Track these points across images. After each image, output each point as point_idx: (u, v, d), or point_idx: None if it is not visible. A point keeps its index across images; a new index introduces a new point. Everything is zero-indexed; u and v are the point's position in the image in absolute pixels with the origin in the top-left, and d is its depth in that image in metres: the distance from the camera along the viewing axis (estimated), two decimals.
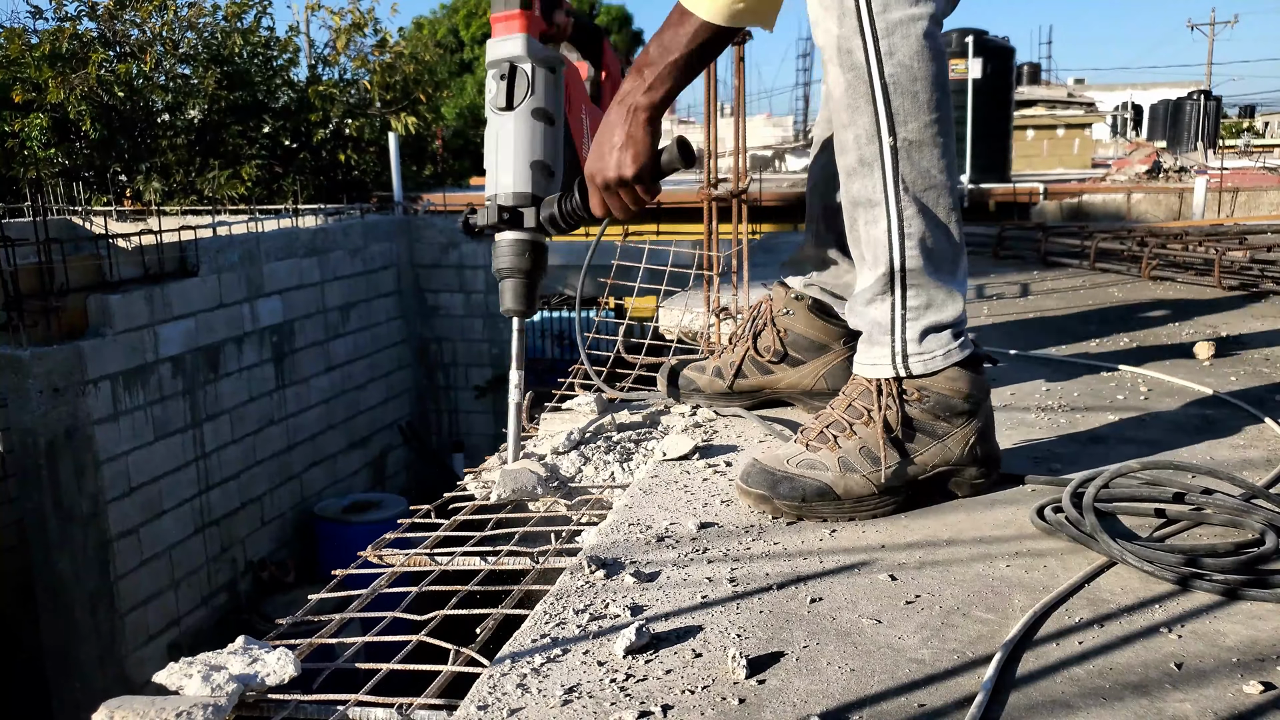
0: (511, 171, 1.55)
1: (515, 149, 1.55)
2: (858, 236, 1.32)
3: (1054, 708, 0.84)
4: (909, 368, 1.31)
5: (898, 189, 1.25)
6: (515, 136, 1.55)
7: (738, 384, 1.78)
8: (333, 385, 8.50)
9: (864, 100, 1.22)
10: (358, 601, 1.18)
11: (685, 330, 2.84)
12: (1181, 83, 31.20)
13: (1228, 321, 2.62)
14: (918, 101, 1.22)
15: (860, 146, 1.25)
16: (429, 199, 10.77)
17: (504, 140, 1.56)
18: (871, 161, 1.25)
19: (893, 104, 1.22)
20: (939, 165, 1.25)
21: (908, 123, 1.22)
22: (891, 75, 1.21)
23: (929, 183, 1.25)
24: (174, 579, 6.57)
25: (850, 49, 1.21)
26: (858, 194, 1.28)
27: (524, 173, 1.55)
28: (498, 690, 0.89)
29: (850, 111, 1.24)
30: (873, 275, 1.31)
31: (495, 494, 1.49)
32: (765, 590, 1.08)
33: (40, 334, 5.71)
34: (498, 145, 1.56)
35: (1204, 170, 9.39)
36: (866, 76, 1.21)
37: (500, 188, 1.56)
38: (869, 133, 1.24)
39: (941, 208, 1.27)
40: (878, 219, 1.27)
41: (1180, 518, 1.22)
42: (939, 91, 1.23)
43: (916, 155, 1.24)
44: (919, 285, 1.29)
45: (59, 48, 9.25)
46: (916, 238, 1.26)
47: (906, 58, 1.20)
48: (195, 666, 0.95)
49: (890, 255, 1.27)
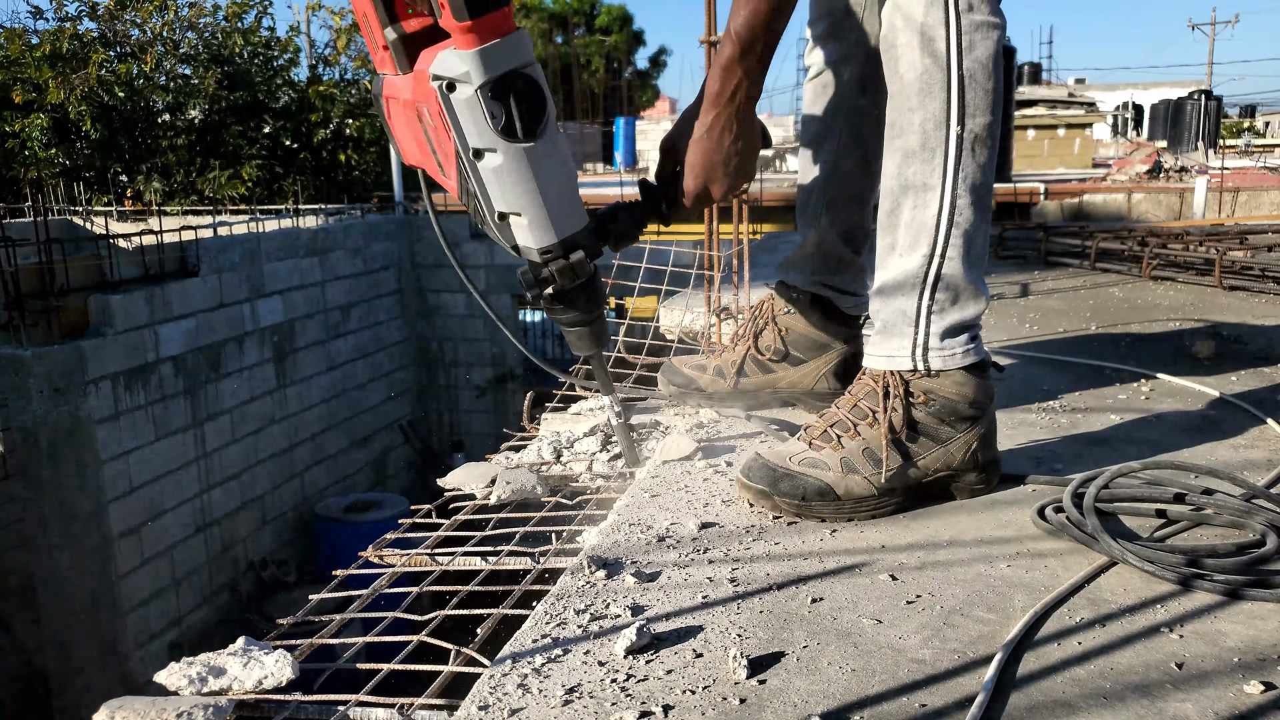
0: (562, 213, 1.25)
1: (554, 186, 1.24)
2: (898, 221, 1.32)
3: (1055, 708, 0.84)
4: (928, 363, 1.31)
5: (956, 177, 1.27)
6: (554, 170, 1.23)
7: (740, 383, 1.77)
8: (333, 385, 8.50)
9: (939, 87, 1.25)
10: (358, 601, 1.18)
11: (686, 330, 2.84)
12: (1182, 82, 31.20)
13: (1228, 321, 2.61)
14: (987, 100, 1.26)
15: (926, 131, 1.27)
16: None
17: (534, 178, 1.21)
18: (935, 147, 1.27)
19: (966, 95, 1.25)
20: (990, 166, 1.29)
21: (976, 116, 1.26)
22: (969, 69, 1.24)
23: (981, 180, 1.28)
24: (175, 579, 6.58)
25: (934, 36, 1.24)
26: (912, 177, 1.29)
27: (573, 210, 1.27)
28: (499, 690, 0.89)
29: (921, 96, 1.26)
30: (906, 261, 1.31)
31: (496, 494, 1.49)
32: (766, 590, 1.08)
33: (41, 334, 5.72)
34: (526, 185, 1.21)
35: (1205, 170, 9.39)
36: (945, 65, 1.24)
37: (542, 240, 1.26)
38: (937, 119, 1.26)
39: (986, 206, 1.30)
40: (929, 203, 1.28)
41: (1181, 518, 1.22)
42: (999, 101, 1.27)
43: (978, 149, 1.27)
44: (952, 277, 1.30)
45: (59, 48, 9.25)
46: (962, 228, 1.28)
47: (984, 57, 1.25)
48: (196, 667, 0.95)
49: (934, 240, 1.29)
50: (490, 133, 1.17)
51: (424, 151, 1.29)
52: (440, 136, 1.21)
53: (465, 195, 1.27)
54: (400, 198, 10.20)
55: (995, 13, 1.26)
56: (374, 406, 9.14)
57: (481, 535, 1.37)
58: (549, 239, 1.26)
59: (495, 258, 9.54)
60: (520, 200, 1.22)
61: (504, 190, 1.22)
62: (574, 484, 1.58)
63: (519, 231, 1.26)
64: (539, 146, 1.19)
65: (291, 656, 0.97)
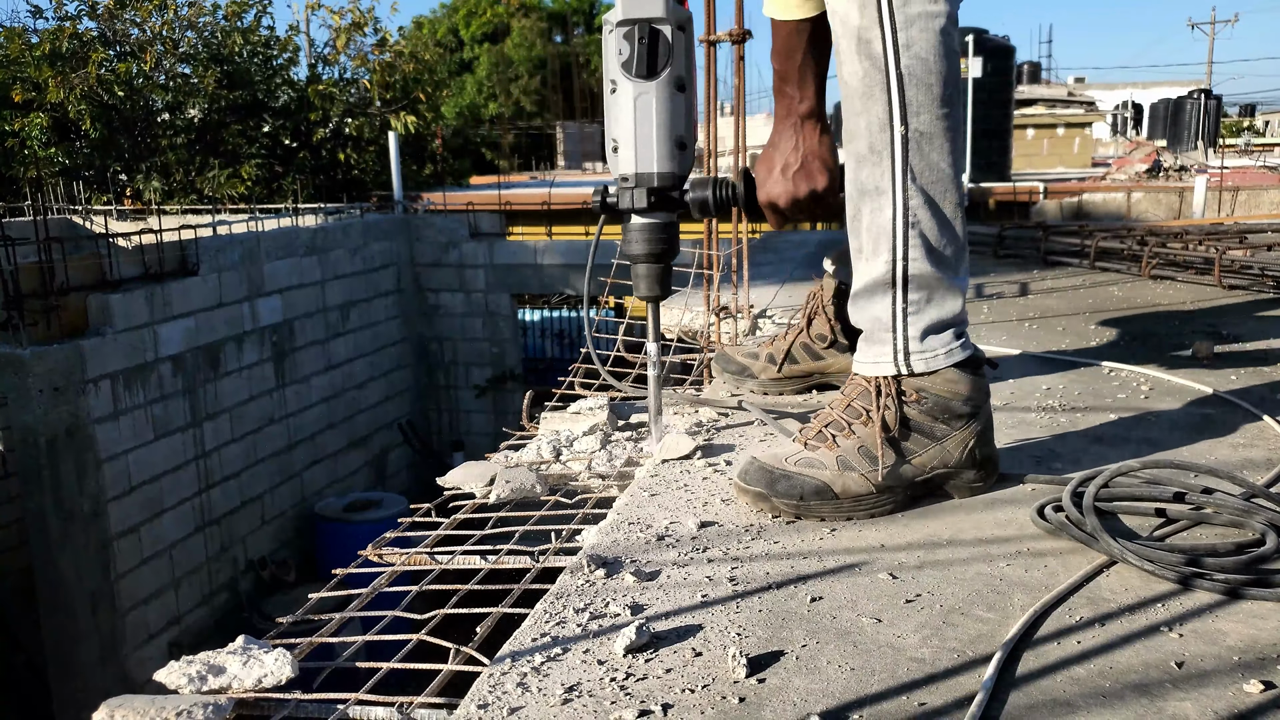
0: (656, 149, 1.45)
1: (658, 124, 1.44)
2: (860, 226, 1.32)
3: (1054, 707, 0.84)
4: (910, 365, 1.31)
5: (905, 178, 1.26)
6: (658, 110, 1.43)
7: (788, 369, 1.87)
8: (333, 384, 8.50)
9: (879, 89, 1.24)
10: (358, 601, 1.18)
11: (686, 329, 2.84)
12: (1182, 81, 31.17)
13: (1228, 320, 2.61)
14: (931, 95, 1.24)
15: (871, 134, 1.26)
16: (429, 198, 10.77)
17: (644, 113, 1.43)
18: (881, 150, 1.26)
19: (906, 94, 1.24)
20: (947, 160, 1.27)
21: (920, 114, 1.24)
22: (907, 67, 1.23)
23: (936, 175, 1.27)
24: (175, 578, 6.57)
25: (869, 39, 1.23)
26: (865, 181, 1.29)
27: (669, 151, 1.45)
28: (498, 689, 0.89)
29: (864, 100, 1.26)
30: (872, 267, 1.31)
31: (495, 493, 1.49)
32: (765, 589, 1.08)
33: (41, 333, 5.71)
34: (635, 118, 1.44)
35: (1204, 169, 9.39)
36: (883, 66, 1.23)
37: (642, 166, 1.45)
38: (881, 121, 1.25)
39: (948, 202, 1.28)
40: (883, 207, 1.28)
41: (1181, 517, 1.22)
42: (951, 88, 1.25)
43: (926, 147, 1.25)
44: (920, 277, 1.29)
45: (59, 47, 9.25)
46: (919, 228, 1.27)
47: (923, 51, 1.23)
48: (195, 665, 0.95)
49: (893, 244, 1.28)
50: (616, 66, 1.44)
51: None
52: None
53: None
54: (399, 197, 10.19)
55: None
56: (373, 406, 9.13)
57: (481, 534, 1.37)
58: (632, 168, 1.46)
59: (495, 258, 9.54)
60: (624, 128, 1.46)
61: (619, 118, 1.46)
62: (573, 483, 1.58)
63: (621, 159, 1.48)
64: (653, 86, 1.43)
65: (291, 655, 0.97)
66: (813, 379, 1.88)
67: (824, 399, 1.85)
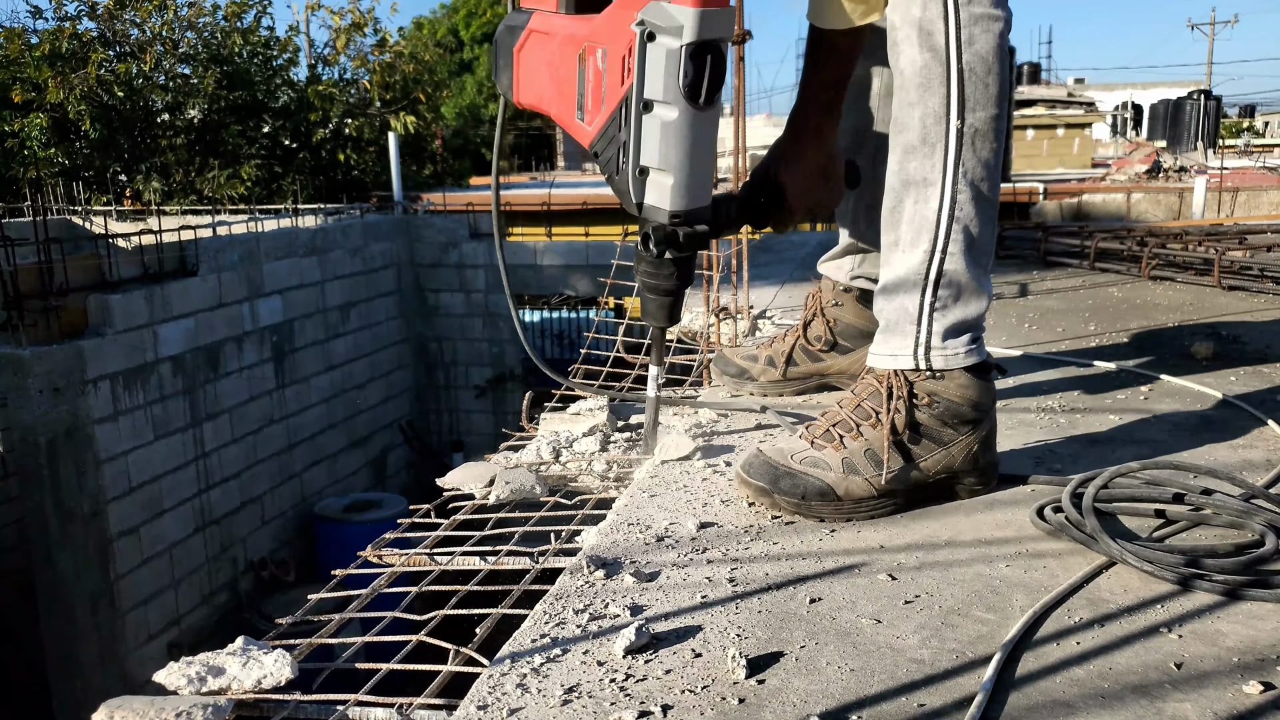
0: (700, 184, 1.31)
1: (704, 157, 1.30)
2: (899, 217, 1.32)
3: (1054, 708, 0.84)
4: (930, 361, 1.31)
5: (957, 172, 1.27)
6: (708, 142, 1.29)
7: (790, 371, 1.87)
8: (333, 384, 8.50)
9: (938, 81, 1.25)
10: (357, 601, 1.18)
11: (685, 330, 2.84)
12: (1181, 82, 31.19)
13: (1228, 321, 2.61)
14: (988, 94, 1.25)
15: (925, 126, 1.27)
16: (429, 198, 10.77)
17: (700, 143, 1.28)
18: (935, 142, 1.27)
19: (966, 89, 1.25)
20: (994, 160, 1.29)
21: (976, 110, 1.25)
22: (969, 63, 1.24)
23: (985, 174, 1.28)
24: (174, 578, 6.57)
25: (932, 31, 1.24)
26: (913, 173, 1.29)
27: (707, 185, 1.33)
28: (497, 690, 0.89)
29: (921, 90, 1.26)
30: (909, 258, 1.31)
31: (495, 494, 1.49)
32: (765, 590, 1.08)
33: (40, 333, 5.71)
34: (689, 148, 1.27)
35: (1204, 170, 9.40)
36: (944, 59, 1.24)
37: (694, 201, 1.32)
38: (937, 114, 1.26)
39: (989, 202, 1.30)
40: (930, 199, 1.28)
41: (1180, 518, 1.22)
42: (1005, 93, 1.27)
43: (979, 144, 1.26)
44: (954, 274, 1.29)
45: (59, 47, 9.25)
46: (963, 223, 1.28)
47: (984, 50, 1.24)
48: (195, 666, 0.95)
49: (935, 235, 1.28)
50: (675, 89, 1.23)
51: (559, 91, 1.35)
52: (609, 80, 1.27)
53: (603, 141, 1.32)
54: (399, 197, 10.19)
55: (998, 5, 1.25)
56: (373, 406, 9.13)
57: (480, 535, 1.36)
58: (682, 204, 1.31)
59: (494, 258, 9.52)
60: (671, 159, 1.27)
61: (663, 146, 1.27)
62: (573, 484, 1.58)
63: (657, 190, 1.31)
64: (707, 115, 1.27)
65: (290, 656, 0.97)
66: (811, 381, 1.89)
67: (829, 400, 1.86)
